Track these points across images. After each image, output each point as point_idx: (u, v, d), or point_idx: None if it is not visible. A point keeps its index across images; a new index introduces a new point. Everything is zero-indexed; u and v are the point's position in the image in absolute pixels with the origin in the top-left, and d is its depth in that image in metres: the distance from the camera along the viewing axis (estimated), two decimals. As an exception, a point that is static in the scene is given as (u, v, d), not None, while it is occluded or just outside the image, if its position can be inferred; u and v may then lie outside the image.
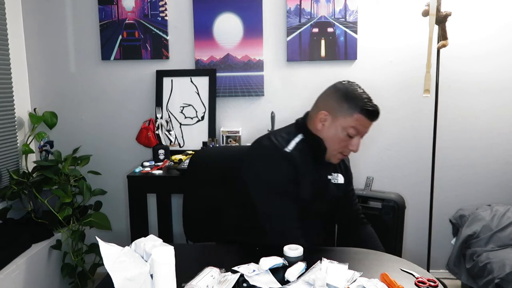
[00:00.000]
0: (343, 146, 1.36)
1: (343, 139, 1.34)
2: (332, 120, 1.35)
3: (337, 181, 1.49)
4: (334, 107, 1.34)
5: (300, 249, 1.13)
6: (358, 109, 1.31)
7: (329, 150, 1.37)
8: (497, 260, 1.89)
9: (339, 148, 1.36)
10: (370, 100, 1.34)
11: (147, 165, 2.27)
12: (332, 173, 1.48)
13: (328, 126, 1.35)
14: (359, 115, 1.31)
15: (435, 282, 1.07)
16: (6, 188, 2.22)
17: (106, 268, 0.93)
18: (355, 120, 1.32)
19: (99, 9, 2.47)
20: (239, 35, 2.46)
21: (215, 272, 1.05)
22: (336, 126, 1.34)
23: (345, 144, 1.35)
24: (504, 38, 2.39)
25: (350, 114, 1.32)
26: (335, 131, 1.34)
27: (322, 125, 1.36)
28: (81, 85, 2.57)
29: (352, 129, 1.33)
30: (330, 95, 1.39)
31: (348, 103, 1.32)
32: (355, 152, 1.38)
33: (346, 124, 1.32)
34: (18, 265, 1.95)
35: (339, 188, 1.50)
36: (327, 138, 1.36)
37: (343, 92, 1.35)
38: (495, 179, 2.50)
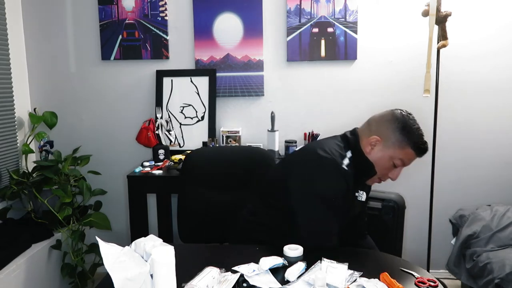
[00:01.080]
0: (384, 173, 1.38)
1: (387, 167, 1.37)
2: (383, 147, 1.35)
3: (361, 199, 1.50)
4: (389, 135, 1.35)
5: (300, 249, 1.13)
6: (412, 144, 1.33)
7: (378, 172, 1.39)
8: (497, 260, 1.89)
9: (380, 174, 1.39)
10: (423, 137, 1.37)
11: (147, 165, 2.27)
12: (359, 191, 1.49)
13: (376, 151, 1.36)
14: (410, 150, 1.33)
15: (435, 282, 1.07)
16: (6, 188, 2.22)
17: (106, 268, 0.93)
18: (405, 154, 1.34)
19: (99, 9, 2.47)
20: (239, 35, 2.46)
21: (215, 272, 1.05)
22: (385, 153, 1.35)
23: (386, 172, 1.38)
24: (504, 38, 2.39)
25: (402, 147, 1.33)
26: (382, 158, 1.35)
27: (371, 148, 1.37)
28: (81, 85, 2.57)
29: (399, 161, 1.35)
30: (387, 122, 1.38)
31: (403, 136, 1.33)
32: (393, 180, 1.41)
33: (395, 155, 1.34)
34: (18, 265, 1.95)
35: (362, 206, 1.52)
36: (375, 162, 1.37)
37: (402, 124, 1.35)
38: (495, 179, 2.50)
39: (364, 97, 2.49)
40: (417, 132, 1.35)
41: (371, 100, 2.49)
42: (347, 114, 2.51)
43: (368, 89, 2.48)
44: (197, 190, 1.73)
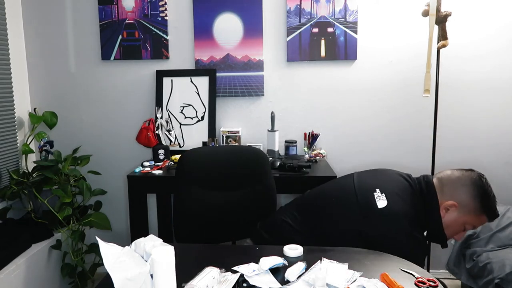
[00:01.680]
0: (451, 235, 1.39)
1: (459, 230, 1.37)
2: (458, 212, 1.35)
3: None
4: (467, 203, 1.34)
5: (300, 249, 1.13)
6: (488, 212, 1.34)
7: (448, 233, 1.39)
8: (497, 260, 1.89)
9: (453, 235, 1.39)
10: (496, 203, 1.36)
11: (147, 165, 2.27)
12: None
13: (449, 214, 1.36)
14: (485, 217, 1.35)
15: (435, 282, 1.07)
16: (6, 188, 2.22)
17: (106, 268, 0.93)
18: (479, 220, 1.35)
19: (99, 9, 2.47)
20: (239, 35, 2.46)
21: (215, 272, 1.05)
22: (460, 219, 1.35)
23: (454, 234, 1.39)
24: (504, 38, 2.39)
25: (479, 214, 1.34)
26: (455, 222, 1.35)
27: (445, 212, 1.36)
28: (81, 85, 2.58)
29: (471, 226, 1.36)
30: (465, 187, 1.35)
31: (481, 205, 1.33)
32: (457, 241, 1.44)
33: (470, 221, 1.35)
34: (18, 265, 1.95)
35: None
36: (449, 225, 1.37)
37: (483, 193, 1.34)
38: (495, 179, 2.50)
39: (364, 97, 2.49)
40: (494, 200, 1.35)
41: (371, 100, 2.49)
42: (347, 114, 2.52)
43: (368, 89, 2.48)
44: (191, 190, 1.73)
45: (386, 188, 1.38)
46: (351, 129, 2.52)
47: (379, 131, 2.52)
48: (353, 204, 1.38)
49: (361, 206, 1.35)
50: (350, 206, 1.38)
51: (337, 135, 2.53)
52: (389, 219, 1.31)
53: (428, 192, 1.38)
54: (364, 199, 1.36)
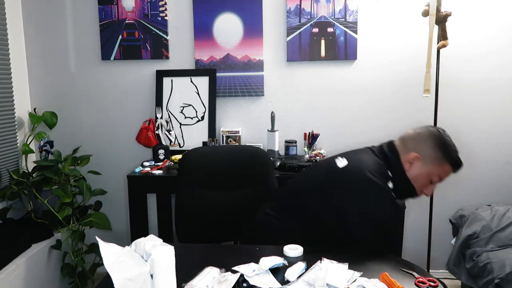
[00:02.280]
0: (420, 190, 1.41)
1: (425, 184, 1.39)
2: (421, 164, 1.38)
3: None
4: (428, 153, 1.38)
5: (300, 249, 1.13)
6: (450, 160, 1.36)
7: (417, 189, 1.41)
8: (497, 260, 1.89)
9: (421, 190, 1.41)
10: (458, 153, 1.39)
11: (147, 165, 2.27)
12: None
13: (414, 168, 1.39)
14: (449, 167, 1.37)
15: (435, 282, 1.07)
16: (6, 188, 2.22)
17: (106, 268, 0.93)
18: (444, 171, 1.38)
19: (99, 9, 2.47)
20: (239, 35, 2.46)
21: (215, 272, 1.05)
22: (424, 170, 1.38)
23: (423, 188, 1.40)
24: (504, 38, 2.39)
25: (442, 164, 1.37)
26: (420, 175, 1.38)
27: (410, 166, 1.39)
28: (81, 85, 2.57)
29: (437, 177, 1.38)
30: (425, 141, 1.40)
31: (442, 153, 1.36)
32: (427, 196, 1.44)
33: (434, 172, 1.37)
34: (18, 265, 1.95)
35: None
36: (415, 179, 1.39)
37: (440, 142, 1.38)
38: (495, 179, 2.50)
39: (364, 97, 2.49)
40: (454, 148, 1.38)
41: (371, 100, 2.49)
42: (347, 114, 2.51)
43: (368, 89, 2.48)
44: (193, 190, 1.73)
45: (347, 154, 1.47)
46: (351, 129, 2.52)
47: (379, 131, 2.51)
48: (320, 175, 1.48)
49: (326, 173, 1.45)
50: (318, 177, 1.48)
51: (337, 135, 2.53)
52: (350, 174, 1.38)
53: (390, 150, 1.44)
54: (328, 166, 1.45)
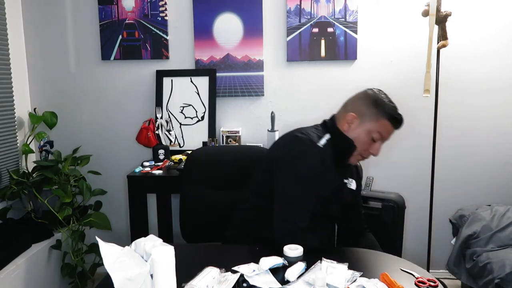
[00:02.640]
0: (364, 149, 1.41)
1: (366, 142, 1.40)
2: (359, 123, 1.40)
3: (351, 186, 1.53)
4: (363, 111, 1.40)
5: (300, 249, 1.13)
6: (387, 115, 1.38)
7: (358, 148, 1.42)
8: (497, 260, 1.89)
9: (360, 150, 1.42)
10: (397, 109, 1.41)
11: (147, 165, 2.27)
12: (348, 178, 1.53)
13: (354, 128, 1.41)
14: (385, 122, 1.38)
15: (435, 282, 1.07)
16: (6, 188, 2.22)
17: (106, 268, 0.93)
18: (382, 126, 1.39)
19: (99, 9, 2.47)
20: (239, 35, 2.46)
21: (215, 272, 1.05)
22: (362, 129, 1.39)
23: (366, 147, 1.41)
24: (504, 38, 2.39)
25: (377, 119, 1.38)
26: (360, 133, 1.40)
27: (349, 126, 1.42)
28: (81, 85, 2.57)
29: (377, 134, 1.39)
30: (360, 99, 1.44)
31: (376, 109, 1.39)
32: (375, 155, 1.43)
33: (372, 128, 1.39)
34: (18, 265, 1.95)
35: (352, 194, 1.54)
36: (354, 138, 1.41)
37: (373, 98, 1.41)
38: (495, 179, 2.50)
39: (364, 97, 2.49)
40: (390, 104, 1.41)
41: (371, 100, 2.49)
42: (347, 114, 2.51)
43: (368, 89, 2.48)
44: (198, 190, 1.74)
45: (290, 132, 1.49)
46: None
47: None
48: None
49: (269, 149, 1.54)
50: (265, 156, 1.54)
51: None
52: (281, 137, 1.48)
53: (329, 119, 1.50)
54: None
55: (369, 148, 1.41)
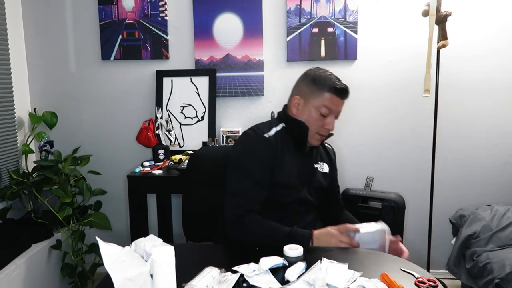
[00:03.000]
0: (319, 126, 1.43)
1: (317, 119, 1.42)
2: (305, 103, 1.43)
3: (323, 170, 1.55)
4: (305, 90, 1.44)
5: (300, 249, 1.13)
6: (327, 88, 1.40)
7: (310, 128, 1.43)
8: (497, 260, 1.89)
9: (315, 128, 1.43)
10: (338, 80, 1.42)
11: (147, 165, 2.27)
12: (319, 162, 1.55)
13: (302, 109, 1.44)
14: (328, 94, 1.40)
15: (435, 282, 1.07)
16: (6, 188, 2.22)
17: (106, 268, 0.93)
18: (325, 99, 1.40)
19: (99, 9, 2.47)
20: (239, 35, 2.46)
21: (215, 272, 1.04)
22: (309, 107, 1.42)
23: (320, 124, 1.42)
24: (504, 38, 2.39)
25: (320, 94, 1.41)
26: (308, 112, 1.42)
27: (297, 109, 1.45)
28: (81, 85, 2.58)
29: (324, 108, 1.40)
30: (301, 81, 1.48)
31: (317, 85, 1.41)
32: (331, 130, 1.44)
33: (317, 104, 1.41)
34: (18, 265, 1.95)
35: (326, 177, 1.56)
36: (305, 120, 1.43)
37: (312, 76, 1.44)
38: (495, 179, 2.50)
39: (364, 97, 2.49)
40: (329, 77, 1.42)
41: (371, 100, 2.49)
42: (347, 114, 2.49)
43: (368, 89, 2.48)
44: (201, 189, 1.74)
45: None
46: (351, 128, 2.52)
47: (379, 131, 2.52)
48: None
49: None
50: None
51: (336, 135, 2.50)
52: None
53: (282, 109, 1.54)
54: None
55: (323, 124, 1.42)
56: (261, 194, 1.38)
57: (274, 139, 1.41)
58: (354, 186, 2.47)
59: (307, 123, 1.42)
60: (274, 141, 1.41)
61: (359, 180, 2.49)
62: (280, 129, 1.46)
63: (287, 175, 1.41)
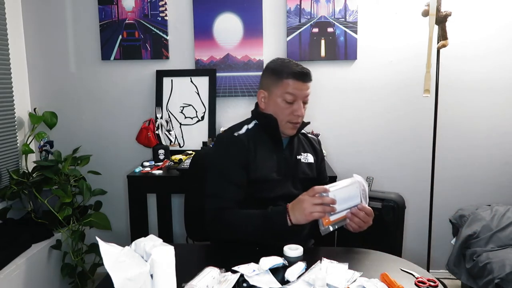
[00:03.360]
0: (287, 114, 1.41)
1: (284, 108, 1.41)
2: (269, 95, 1.43)
3: (308, 160, 1.54)
4: (267, 82, 1.44)
5: (300, 249, 1.13)
6: (285, 74, 1.39)
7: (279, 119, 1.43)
8: (497, 260, 1.89)
9: (285, 117, 1.42)
10: (297, 65, 1.41)
11: (147, 165, 2.27)
12: (302, 153, 1.54)
13: (267, 102, 1.44)
14: (288, 80, 1.39)
15: (435, 282, 1.07)
16: (6, 188, 2.22)
17: (106, 268, 0.93)
18: (286, 86, 1.39)
19: (99, 9, 2.47)
20: (239, 35, 2.46)
21: (215, 272, 1.04)
22: (274, 98, 1.42)
23: (288, 112, 1.41)
24: (504, 38, 2.39)
25: (280, 82, 1.40)
26: (274, 103, 1.42)
27: (264, 103, 1.46)
28: (81, 85, 2.58)
29: (288, 95, 1.39)
30: (262, 75, 1.49)
31: (276, 74, 1.41)
32: (301, 115, 1.42)
33: (280, 92, 1.40)
34: (18, 265, 1.95)
35: (311, 167, 1.54)
36: (274, 112, 1.43)
37: (271, 67, 1.44)
38: (495, 179, 2.50)
39: (364, 97, 2.49)
40: (286, 64, 1.41)
41: (371, 100, 2.49)
42: (347, 114, 2.51)
43: (368, 89, 2.48)
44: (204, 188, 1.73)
45: None
46: (351, 128, 2.52)
47: (379, 131, 2.52)
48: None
49: None
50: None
51: (337, 135, 2.53)
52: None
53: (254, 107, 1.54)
54: None
55: (291, 112, 1.41)
56: (237, 192, 1.38)
57: (244, 137, 1.43)
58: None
59: (275, 114, 1.42)
60: (245, 139, 1.42)
61: (359, 180, 2.49)
62: (253, 126, 1.48)
63: (264, 170, 1.41)
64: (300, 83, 1.39)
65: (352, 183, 1.27)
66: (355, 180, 1.28)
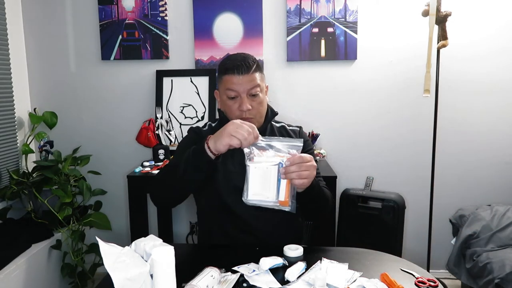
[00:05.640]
0: (235, 110, 1.40)
1: (230, 105, 1.41)
2: (219, 94, 1.46)
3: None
4: (217, 82, 1.48)
5: (300, 249, 1.13)
6: (222, 70, 1.40)
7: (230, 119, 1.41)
8: (497, 260, 1.89)
9: (234, 114, 1.41)
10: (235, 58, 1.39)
11: (147, 165, 2.27)
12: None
13: (220, 100, 1.47)
14: (225, 76, 1.39)
15: (435, 282, 1.07)
16: (6, 188, 2.22)
17: (106, 268, 0.93)
18: (225, 82, 1.39)
19: (99, 9, 2.47)
20: (239, 35, 2.46)
21: (215, 272, 1.04)
22: (222, 97, 1.44)
23: (235, 108, 1.40)
24: (504, 38, 2.39)
25: (220, 80, 1.42)
26: (223, 101, 1.44)
27: (219, 103, 1.49)
28: (81, 85, 2.57)
29: (229, 91, 1.39)
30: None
31: (218, 72, 1.44)
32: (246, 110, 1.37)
33: (222, 90, 1.41)
34: (18, 265, 1.95)
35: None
36: (224, 110, 1.46)
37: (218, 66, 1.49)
38: (495, 179, 2.50)
39: (364, 97, 2.49)
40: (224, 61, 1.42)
41: (371, 100, 2.49)
42: (347, 114, 2.51)
43: (368, 89, 2.48)
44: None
45: None
46: (351, 129, 2.52)
47: (379, 131, 2.52)
48: None
49: None
50: None
51: (337, 135, 2.53)
52: None
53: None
54: None
55: (237, 108, 1.39)
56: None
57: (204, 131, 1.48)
58: (354, 186, 2.47)
59: (226, 112, 1.44)
60: (204, 132, 1.48)
61: (359, 180, 2.49)
62: (216, 124, 1.52)
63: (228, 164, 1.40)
64: (236, 76, 1.36)
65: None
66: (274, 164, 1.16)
